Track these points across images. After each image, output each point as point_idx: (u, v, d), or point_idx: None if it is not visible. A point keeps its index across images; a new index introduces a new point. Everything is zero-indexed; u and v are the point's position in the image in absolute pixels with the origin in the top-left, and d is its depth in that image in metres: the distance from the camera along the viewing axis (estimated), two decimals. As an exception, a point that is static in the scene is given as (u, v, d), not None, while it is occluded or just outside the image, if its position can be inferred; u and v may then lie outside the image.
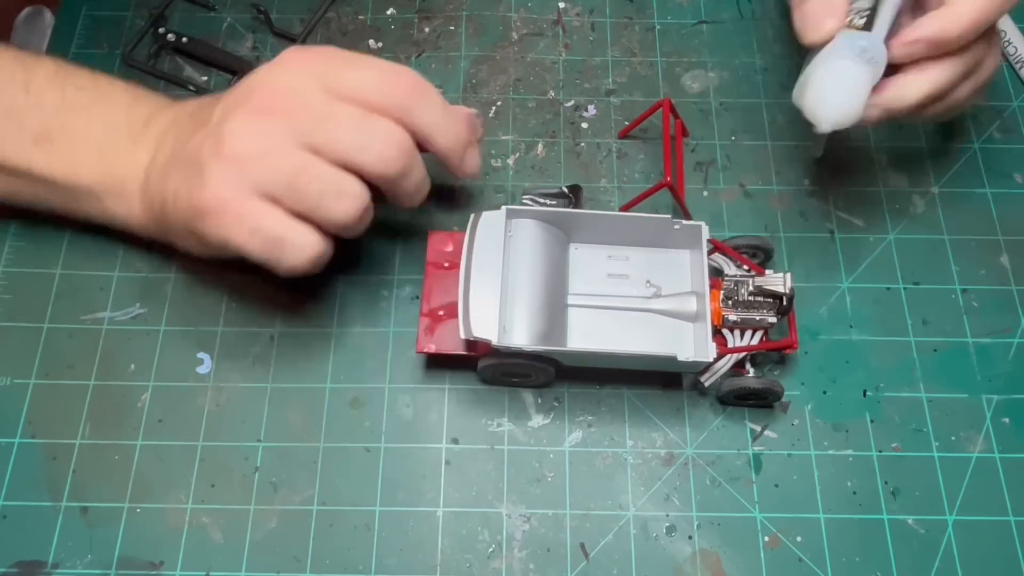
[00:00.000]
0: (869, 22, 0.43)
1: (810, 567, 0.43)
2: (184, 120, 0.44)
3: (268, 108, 0.40)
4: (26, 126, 0.45)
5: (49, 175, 0.45)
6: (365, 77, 0.41)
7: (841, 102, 0.42)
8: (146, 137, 0.45)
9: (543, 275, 0.46)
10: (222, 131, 0.40)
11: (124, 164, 0.45)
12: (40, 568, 0.42)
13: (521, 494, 0.44)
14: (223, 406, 0.46)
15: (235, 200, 0.40)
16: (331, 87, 0.41)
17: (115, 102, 0.46)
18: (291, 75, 0.41)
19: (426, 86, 0.42)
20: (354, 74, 0.41)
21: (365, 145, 0.40)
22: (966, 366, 0.48)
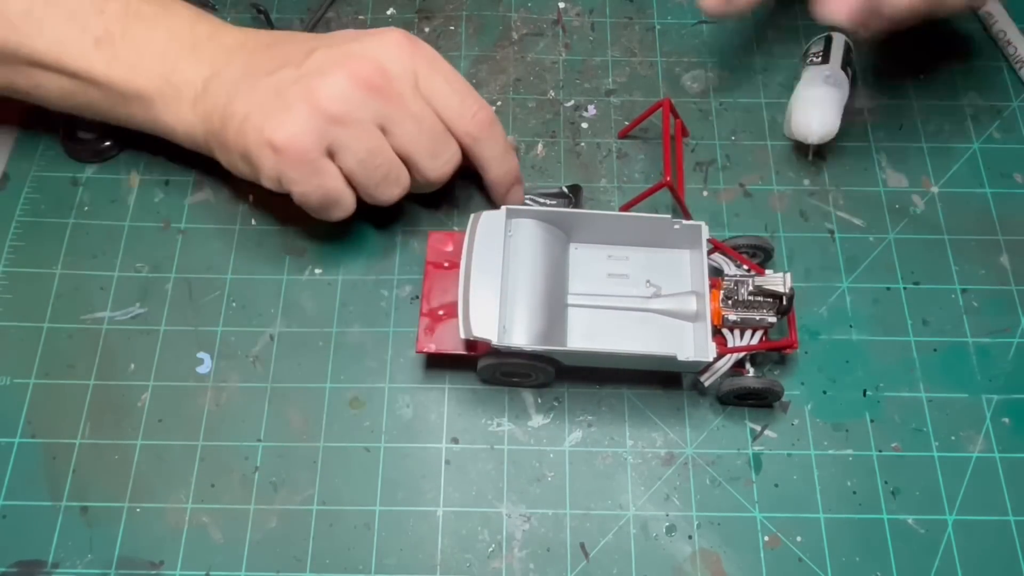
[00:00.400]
0: (825, 58, 0.53)
1: (810, 567, 0.43)
2: (259, 47, 0.46)
3: (367, 81, 0.43)
4: (89, 29, 0.45)
5: (106, 78, 0.46)
6: (452, 95, 0.45)
7: (821, 118, 0.51)
8: (209, 50, 0.46)
9: (543, 275, 0.46)
10: (316, 82, 0.42)
11: (183, 71, 0.46)
12: (40, 568, 0.42)
13: (521, 494, 0.44)
14: (223, 406, 0.46)
15: (312, 152, 0.43)
16: (422, 87, 0.44)
17: (179, 15, 0.47)
18: (394, 59, 0.43)
19: (496, 124, 0.47)
20: (444, 87, 0.45)
21: (435, 155, 0.45)
22: (966, 366, 0.48)
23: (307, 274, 0.49)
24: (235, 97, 0.44)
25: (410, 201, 0.51)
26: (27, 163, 0.52)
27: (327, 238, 0.50)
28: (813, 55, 0.54)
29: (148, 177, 0.52)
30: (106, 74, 0.46)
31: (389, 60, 0.43)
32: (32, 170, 0.52)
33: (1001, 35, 0.57)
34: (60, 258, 0.49)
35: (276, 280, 0.49)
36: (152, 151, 0.52)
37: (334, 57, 0.43)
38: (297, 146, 0.42)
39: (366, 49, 0.44)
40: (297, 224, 0.51)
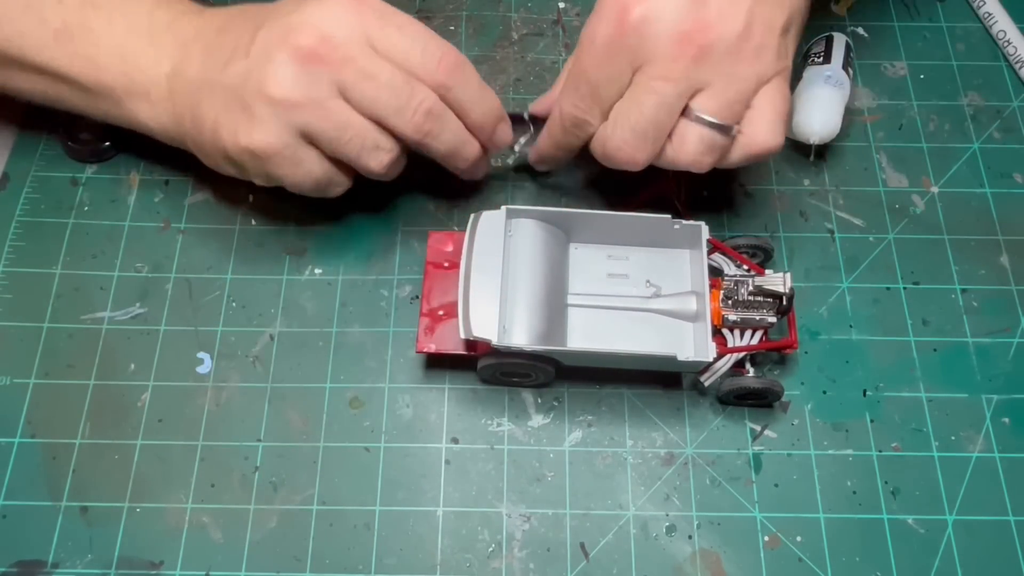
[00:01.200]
0: (826, 58, 0.54)
1: (810, 567, 0.43)
2: (211, 36, 0.44)
3: (312, 54, 0.41)
4: (47, 21, 0.44)
5: (68, 72, 0.45)
6: (411, 46, 0.43)
7: (822, 118, 0.52)
8: (167, 42, 0.45)
9: (543, 275, 0.46)
10: (266, 72, 0.41)
11: (144, 68, 0.45)
12: (40, 568, 0.42)
13: (521, 494, 0.44)
14: (223, 406, 0.46)
15: (288, 147, 0.42)
16: (377, 44, 0.42)
17: (137, 3, 0.46)
18: (338, 23, 0.42)
19: (465, 65, 0.44)
20: (401, 39, 0.43)
21: (400, 109, 0.42)
22: (966, 366, 0.48)
23: (307, 274, 0.49)
24: (200, 101, 0.43)
25: (411, 198, 0.51)
26: (27, 163, 0.52)
27: (327, 238, 0.50)
28: (814, 55, 0.54)
29: (148, 177, 0.52)
30: (68, 69, 0.45)
31: (332, 25, 0.42)
32: (32, 170, 0.52)
33: (1001, 35, 0.57)
34: (60, 258, 0.49)
35: (276, 280, 0.49)
36: (152, 151, 0.52)
37: (276, 35, 0.42)
38: (271, 148, 0.42)
39: (307, 18, 0.42)
40: (297, 224, 0.51)
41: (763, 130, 0.43)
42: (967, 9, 0.59)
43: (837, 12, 0.59)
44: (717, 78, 0.42)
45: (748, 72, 0.42)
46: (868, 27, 0.58)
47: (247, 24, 0.43)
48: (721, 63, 0.41)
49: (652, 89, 0.42)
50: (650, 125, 0.42)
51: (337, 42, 0.41)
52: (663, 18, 0.41)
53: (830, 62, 0.53)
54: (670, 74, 0.41)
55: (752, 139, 0.43)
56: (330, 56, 0.41)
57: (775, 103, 0.43)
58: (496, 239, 0.46)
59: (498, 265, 0.45)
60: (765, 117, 0.43)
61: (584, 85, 0.44)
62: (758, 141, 0.43)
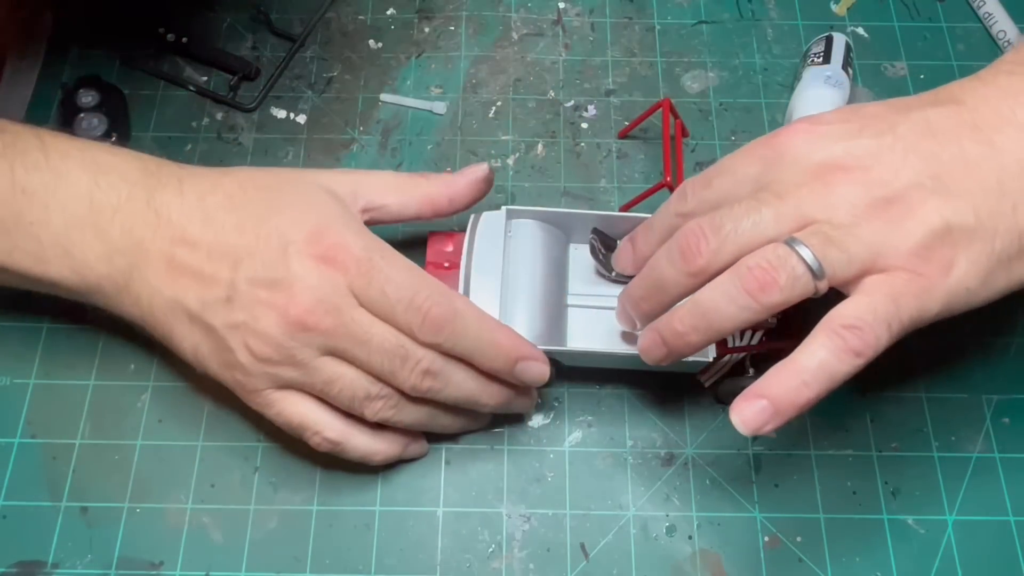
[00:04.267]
0: (826, 58, 0.53)
1: (810, 567, 0.43)
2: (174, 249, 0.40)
3: (301, 321, 0.39)
4: None
5: (10, 266, 0.41)
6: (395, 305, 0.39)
7: None
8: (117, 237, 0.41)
9: (543, 275, 0.46)
10: (251, 328, 0.39)
11: (94, 265, 0.41)
12: (40, 568, 0.42)
13: (521, 494, 0.44)
14: (223, 406, 0.46)
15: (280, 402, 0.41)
16: (363, 302, 0.40)
17: (73, 185, 0.41)
18: (324, 282, 0.39)
19: (456, 318, 0.40)
20: (384, 299, 0.39)
21: (395, 372, 0.40)
22: (966, 366, 0.48)
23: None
24: (174, 323, 0.41)
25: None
26: (27, 163, 0.52)
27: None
28: (813, 55, 0.54)
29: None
30: (11, 264, 0.41)
31: (318, 284, 0.39)
32: (32, 170, 0.52)
33: (1001, 35, 0.57)
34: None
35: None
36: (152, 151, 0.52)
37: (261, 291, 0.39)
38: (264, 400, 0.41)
39: (293, 278, 0.39)
40: (297, 224, 0.51)
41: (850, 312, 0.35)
42: (967, 9, 0.59)
43: (837, 12, 0.59)
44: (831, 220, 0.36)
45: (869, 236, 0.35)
46: (868, 27, 0.58)
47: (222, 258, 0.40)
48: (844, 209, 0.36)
49: (757, 198, 0.37)
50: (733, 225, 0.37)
51: (326, 308, 0.39)
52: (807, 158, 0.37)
53: (830, 62, 0.53)
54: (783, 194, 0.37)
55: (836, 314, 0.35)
56: (318, 323, 0.39)
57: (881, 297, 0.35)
58: (496, 239, 0.46)
59: (498, 265, 0.45)
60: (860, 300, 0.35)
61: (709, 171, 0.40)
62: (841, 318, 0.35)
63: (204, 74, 0.56)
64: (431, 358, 0.40)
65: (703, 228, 0.37)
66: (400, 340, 0.40)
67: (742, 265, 0.36)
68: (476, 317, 0.41)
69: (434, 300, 0.40)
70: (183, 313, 0.41)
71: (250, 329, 0.39)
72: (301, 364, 0.40)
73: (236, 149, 0.53)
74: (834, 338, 0.35)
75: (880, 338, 0.35)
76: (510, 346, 0.41)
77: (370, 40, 0.57)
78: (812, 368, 0.35)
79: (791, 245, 0.35)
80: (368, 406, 0.41)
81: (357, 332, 0.39)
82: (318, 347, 0.39)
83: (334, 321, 0.39)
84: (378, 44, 0.57)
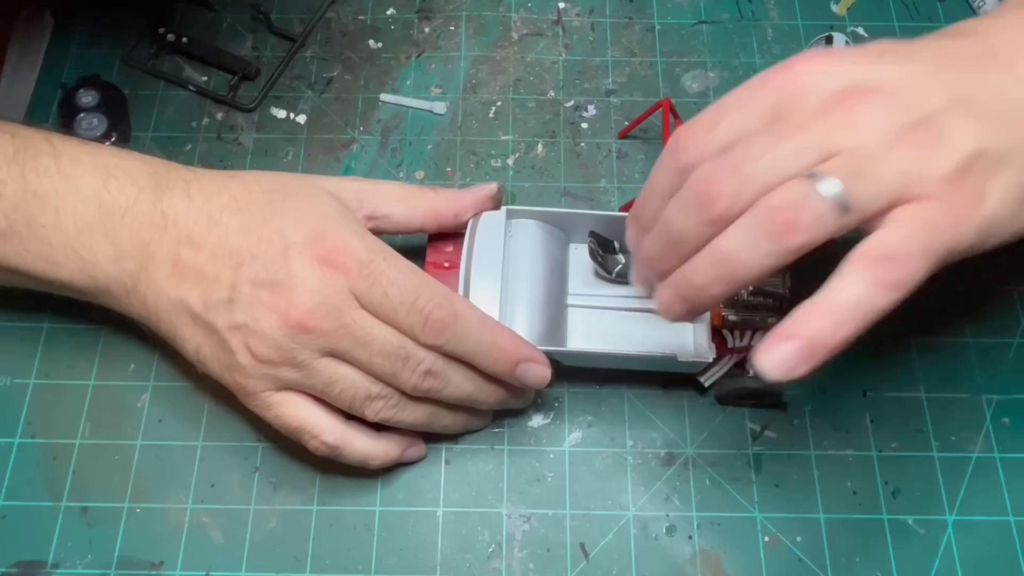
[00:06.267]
0: None
1: (810, 567, 0.43)
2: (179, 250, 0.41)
3: (302, 323, 0.39)
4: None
5: (21, 268, 0.42)
6: (397, 308, 0.40)
7: None
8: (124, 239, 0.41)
9: (543, 275, 0.46)
10: (252, 330, 0.39)
11: (103, 266, 0.41)
12: (40, 568, 0.42)
13: (521, 494, 0.44)
14: (223, 406, 0.46)
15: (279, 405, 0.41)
16: (365, 304, 0.40)
17: (82, 189, 0.41)
18: (325, 284, 0.39)
19: (458, 320, 0.40)
20: (385, 301, 0.40)
21: (396, 373, 0.40)
22: (966, 366, 0.48)
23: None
24: (178, 323, 0.41)
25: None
26: (27, 163, 0.52)
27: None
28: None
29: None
30: (22, 266, 0.41)
31: (319, 287, 0.39)
32: (32, 170, 0.52)
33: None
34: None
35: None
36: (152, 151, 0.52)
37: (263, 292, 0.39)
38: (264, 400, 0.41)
39: (294, 279, 0.39)
40: (297, 224, 0.51)
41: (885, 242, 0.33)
42: (967, 9, 0.59)
43: (837, 12, 0.59)
44: (856, 150, 0.33)
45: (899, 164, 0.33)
46: (868, 27, 0.58)
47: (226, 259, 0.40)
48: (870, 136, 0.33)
49: (774, 132, 0.34)
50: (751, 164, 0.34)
51: (328, 311, 0.39)
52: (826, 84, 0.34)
53: None
54: (804, 125, 0.34)
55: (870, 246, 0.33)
56: (320, 325, 0.39)
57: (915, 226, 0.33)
58: (496, 239, 0.46)
59: (498, 266, 0.45)
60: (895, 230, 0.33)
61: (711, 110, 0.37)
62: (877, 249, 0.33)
63: (204, 74, 0.56)
64: (432, 359, 0.40)
65: (718, 172, 0.34)
66: (402, 342, 0.40)
67: (762, 207, 0.33)
68: (478, 320, 0.41)
69: (436, 303, 0.40)
70: (187, 314, 0.41)
71: (251, 330, 0.39)
72: (301, 365, 0.40)
73: (236, 149, 0.53)
74: (870, 271, 0.33)
75: (918, 270, 0.33)
76: (511, 348, 0.41)
77: (370, 40, 0.57)
78: (847, 304, 0.33)
79: (815, 180, 0.33)
80: (369, 406, 0.41)
81: (358, 334, 0.39)
82: (319, 349, 0.39)
83: (335, 323, 0.39)
84: (378, 44, 0.57)
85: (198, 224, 0.41)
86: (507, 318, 0.44)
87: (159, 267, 0.41)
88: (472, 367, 0.42)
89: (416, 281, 0.40)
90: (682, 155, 0.36)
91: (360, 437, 0.42)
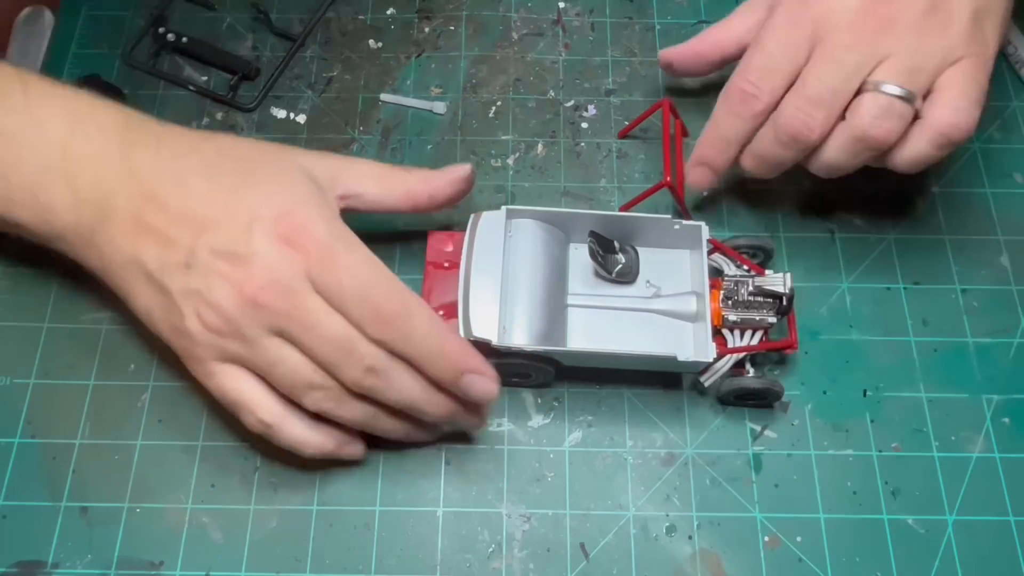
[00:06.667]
0: None
1: (810, 567, 0.43)
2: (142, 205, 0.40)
3: (254, 298, 0.38)
4: None
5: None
6: (350, 296, 0.39)
7: None
8: (85, 186, 0.41)
9: (543, 275, 0.46)
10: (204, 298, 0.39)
11: (61, 213, 0.41)
12: (40, 568, 0.42)
13: (521, 494, 0.44)
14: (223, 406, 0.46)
15: (221, 375, 0.40)
16: (320, 289, 0.39)
17: (49, 132, 0.41)
18: (283, 263, 0.39)
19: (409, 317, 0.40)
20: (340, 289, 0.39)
21: (338, 364, 0.39)
22: (966, 366, 0.48)
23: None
24: (132, 280, 0.41)
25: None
26: (27, 163, 0.52)
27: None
28: None
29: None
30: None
31: (276, 264, 0.39)
32: (32, 170, 0.52)
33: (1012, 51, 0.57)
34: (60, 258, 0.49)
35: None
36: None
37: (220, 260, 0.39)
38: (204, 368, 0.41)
39: (253, 252, 0.39)
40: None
41: (949, 107, 0.42)
42: None
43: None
44: (900, 50, 0.42)
45: (933, 47, 0.42)
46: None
47: (188, 224, 0.40)
48: (905, 36, 0.42)
49: (832, 58, 0.43)
50: (827, 91, 0.43)
51: (280, 290, 0.38)
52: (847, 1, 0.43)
53: None
54: (852, 44, 0.42)
55: (938, 117, 0.42)
56: (271, 302, 0.38)
57: (962, 83, 0.43)
58: (496, 239, 0.46)
59: (498, 265, 0.45)
60: (950, 94, 0.43)
61: (760, 56, 0.44)
62: (944, 119, 0.42)
63: (204, 74, 0.56)
64: (377, 356, 0.39)
65: (805, 109, 0.43)
66: (348, 332, 0.39)
67: (851, 130, 0.43)
68: (428, 320, 0.40)
69: (388, 296, 0.39)
70: (142, 273, 0.40)
71: (204, 298, 0.39)
72: (248, 340, 0.39)
73: (236, 149, 0.53)
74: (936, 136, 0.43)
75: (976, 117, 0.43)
76: (459, 356, 0.40)
77: (370, 40, 0.57)
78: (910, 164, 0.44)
79: (883, 91, 0.42)
80: (308, 394, 0.40)
81: (306, 318, 0.39)
82: (267, 326, 0.39)
83: (285, 303, 0.39)
84: (378, 44, 0.57)
85: (164, 183, 0.41)
86: (507, 318, 0.44)
87: (119, 222, 0.40)
88: (419, 373, 0.40)
89: (373, 273, 0.40)
90: (755, 104, 0.45)
91: (297, 422, 0.41)
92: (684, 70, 0.53)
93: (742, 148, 0.47)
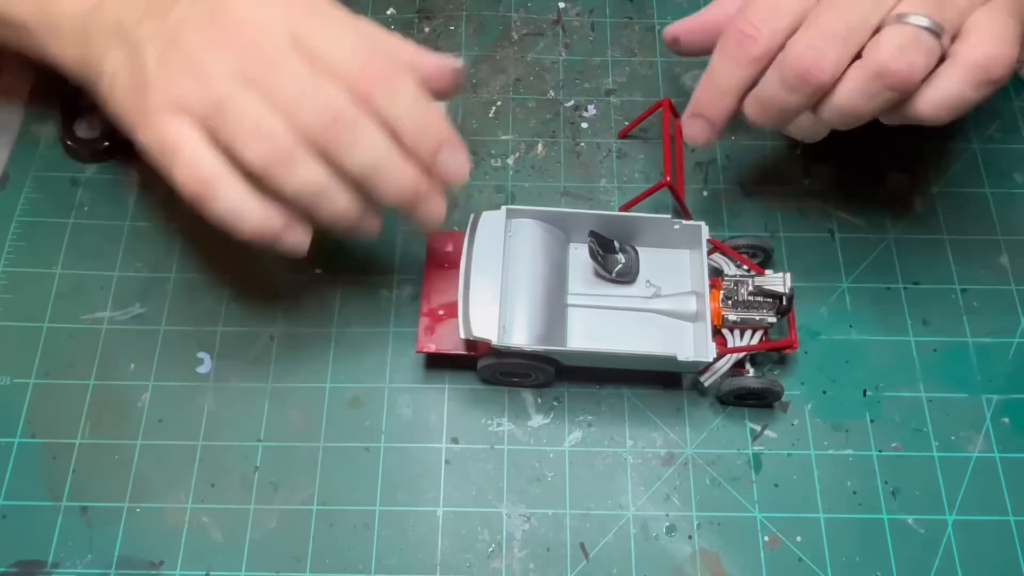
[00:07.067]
0: None
1: (810, 567, 0.43)
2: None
3: (225, 39, 0.37)
4: None
5: None
6: (337, 41, 0.37)
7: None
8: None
9: (543, 275, 0.46)
10: (177, 42, 0.38)
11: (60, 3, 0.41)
12: (40, 568, 0.42)
13: (521, 494, 0.44)
14: (223, 406, 0.46)
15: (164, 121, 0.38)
16: (300, 38, 0.37)
17: None
18: (267, 10, 0.38)
19: (399, 75, 0.38)
20: (326, 34, 0.37)
21: (298, 105, 0.36)
22: (966, 366, 0.48)
23: (307, 274, 0.49)
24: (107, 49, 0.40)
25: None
26: (27, 163, 0.52)
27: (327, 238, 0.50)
28: None
29: (148, 177, 0.52)
30: None
31: (259, 11, 0.37)
32: (32, 170, 0.52)
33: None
34: (60, 258, 0.49)
35: (277, 280, 0.49)
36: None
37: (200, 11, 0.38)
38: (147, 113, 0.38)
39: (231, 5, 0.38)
40: (297, 224, 0.51)
41: (986, 38, 0.38)
42: None
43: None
44: None
45: None
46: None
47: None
48: None
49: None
50: (843, 25, 0.38)
51: (254, 30, 0.37)
52: None
53: None
54: None
55: (975, 47, 0.37)
56: (240, 42, 0.37)
57: (998, 20, 0.38)
58: (496, 239, 0.46)
59: (498, 265, 0.45)
60: (986, 26, 0.38)
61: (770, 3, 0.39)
62: (982, 49, 0.37)
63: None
64: (346, 104, 0.37)
65: (816, 44, 0.38)
66: (316, 74, 0.37)
67: (868, 64, 0.37)
68: (416, 86, 0.38)
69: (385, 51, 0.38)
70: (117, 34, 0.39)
71: (172, 41, 0.38)
72: (203, 76, 0.37)
73: (236, 149, 0.53)
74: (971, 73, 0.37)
75: (1016, 54, 0.38)
76: (441, 126, 0.38)
77: (370, 40, 0.57)
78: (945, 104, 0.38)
79: (908, 22, 0.37)
80: (256, 141, 0.36)
81: (272, 55, 0.37)
82: (231, 72, 0.37)
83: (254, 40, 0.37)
84: (378, 44, 0.57)
85: None
86: (507, 318, 0.44)
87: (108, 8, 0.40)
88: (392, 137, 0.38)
89: (362, 27, 0.38)
90: (752, 47, 0.39)
91: (236, 184, 0.38)
92: (691, 46, 0.47)
93: (741, 99, 0.42)
